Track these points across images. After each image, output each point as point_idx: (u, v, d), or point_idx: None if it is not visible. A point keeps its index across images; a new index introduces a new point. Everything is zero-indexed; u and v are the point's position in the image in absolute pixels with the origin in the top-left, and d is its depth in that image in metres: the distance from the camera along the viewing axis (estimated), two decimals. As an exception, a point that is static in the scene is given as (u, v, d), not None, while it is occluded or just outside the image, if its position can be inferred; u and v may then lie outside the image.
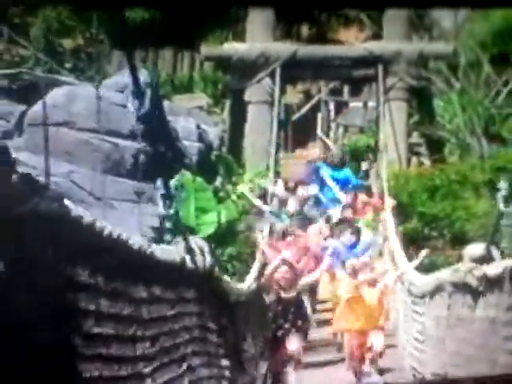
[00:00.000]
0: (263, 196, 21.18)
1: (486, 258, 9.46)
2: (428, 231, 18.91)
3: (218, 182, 21.81)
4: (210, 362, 9.06)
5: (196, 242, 8.96)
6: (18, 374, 3.66)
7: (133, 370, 5.70)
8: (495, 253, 9.90)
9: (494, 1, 3.15)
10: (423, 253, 13.64)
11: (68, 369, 4.31)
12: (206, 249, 8.99)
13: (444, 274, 10.22)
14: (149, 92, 18.08)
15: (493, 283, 8.46)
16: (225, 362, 9.81)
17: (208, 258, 9.03)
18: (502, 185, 8.56)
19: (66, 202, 4.34)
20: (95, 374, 4.83)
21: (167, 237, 8.59)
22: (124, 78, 19.86)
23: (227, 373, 9.71)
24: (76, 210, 4.50)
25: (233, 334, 10.51)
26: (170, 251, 7.68)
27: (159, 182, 12.78)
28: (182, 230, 7.66)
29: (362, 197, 19.38)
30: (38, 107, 21.18)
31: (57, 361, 4.15)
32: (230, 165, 23.35)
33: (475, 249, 9.99)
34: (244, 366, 10.42)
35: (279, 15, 25.35)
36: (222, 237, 18.08)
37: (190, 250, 8.25)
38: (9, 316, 3.51)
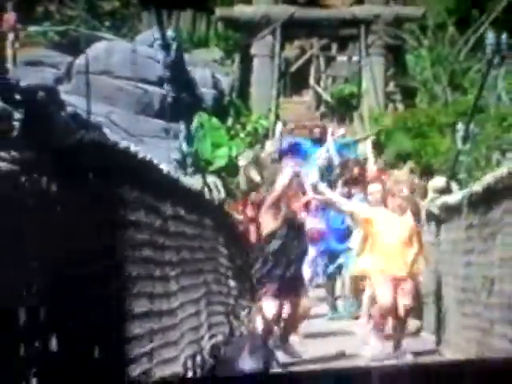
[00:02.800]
0: (266, 135, 21.19)
1: (447, 190, 9.43)
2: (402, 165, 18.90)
3: (230, 122, 21.78)
4: (220, 280, 9.08)
5: (211, 178, 8.94)
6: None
7: (161, 273, 5.71)
8: (454, 185, 9.88)
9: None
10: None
11: (117, 268, 4.33)
12: (219, 184, 8.96)
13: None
14: (173, 45, 17.93)
15: (453, 210, 8.41)
16: (232, 283, 9.78)
17: (221, 193, 9.00)
18: (460, 127, 8.48)
19: (106, 131, 4.34)
20: (135, 272, 4.85)
21: (189, 170, 8.57)
22: (153, 34, 19.67)
23: (234, 292, 9.68)
24: (112, 138, 4.50)
25: (240, 261, 10.35)
26: (192, 181, 7.69)
27: (182, 126, 12.71)
28: (199, 166, 7.64)
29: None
30: (82, 58, 21.07)
31: (109, 262, 4.16)
32: (239, 108, 23.38)
33: (437, 182, 9.92)
34: (250, 289, 9.50)
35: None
36: (232, 167, 18.03)
37: (206, 185, 8.26)
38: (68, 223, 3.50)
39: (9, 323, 2.93)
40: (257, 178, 13.82)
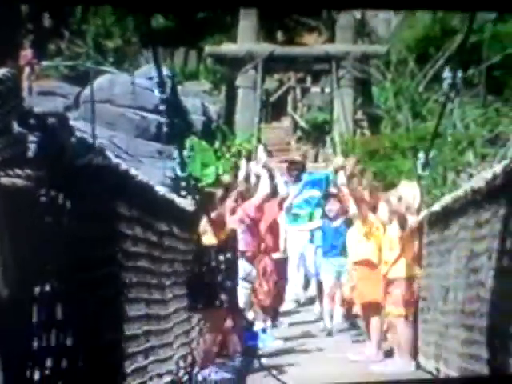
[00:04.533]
0: (249, 157, 21.18)
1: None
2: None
3: (217, 144, 21.83)
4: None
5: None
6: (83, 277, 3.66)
7: (157, 281, 5.69)
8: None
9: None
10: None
11: (115, 276, 4.32)
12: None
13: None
14: (168, 81, 17.94)
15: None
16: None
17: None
18: (420, 155, 8.43)
19: (108, 154, 4.33)
20: (133, 280, 4.83)
21: (182, 192, 8.49)
22: (151, 69, 19.69)
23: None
24: (115, 160, 4.49)
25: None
26: (185, 202, 7.65)
27: (175, 152, 12.65)
28: (191, 188, 7.57)
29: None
30: (88, 89, 21.11)
31: (108, 270, 4.15)
32: (225, 132, 23.42)
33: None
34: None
35: (261, 23, 25.42)
36: (218, 184, 18.05)
37: (197, 205, 8.10)
38: (73, 232, 3.50)
39: (24, 319, 2.92)
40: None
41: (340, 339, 9.36)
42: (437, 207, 7.38)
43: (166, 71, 19.18)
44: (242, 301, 8.37)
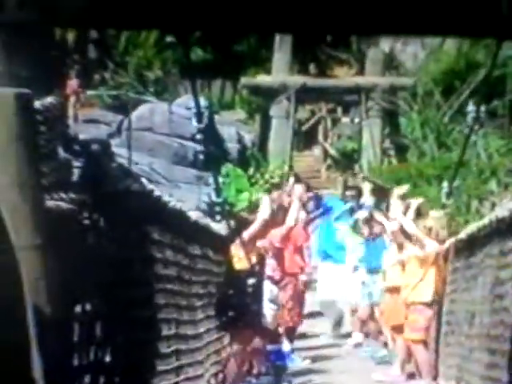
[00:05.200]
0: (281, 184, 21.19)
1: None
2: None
3: (251, 171, 21.87)
4: None
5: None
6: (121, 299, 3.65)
7: (188, 302, 5.67)
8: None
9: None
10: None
11: (147, 297, 4.31)
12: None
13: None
14: (205, 111, 18.03)
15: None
16: None
17: None
18: (444, 184, 8.38)
19: (144, 181, 4.35)
20: (162, 301, 4.81)
21: (217, 217, 8.45)
22: (189, 99, 19.85)
23: None
24: (150, 187, 4.50)
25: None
26: (219, 226, 7.64)
27: (211, 178, 12.66)
28: (226, 213, 7.54)
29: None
30: (129, 117, 21.31)
31: (141, 291, 4.15)
32: (259, 160, 23.50)
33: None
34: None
35: (294, 57, 25.54)
36: (252, 210, 18.04)
37: (231, 229, 8.07)
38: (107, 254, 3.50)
39: (64, 336, 2.92)
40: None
41: (365, 360, 9.28)
42: (462, 235, 7.36)
43: (203, 101, 19.33)
44: (268, 322, 8.32)
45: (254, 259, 7.44)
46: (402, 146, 24.48)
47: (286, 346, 9.18)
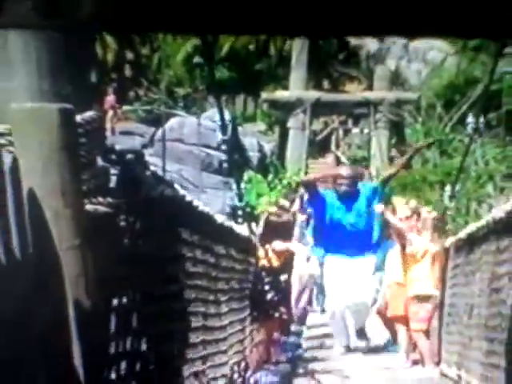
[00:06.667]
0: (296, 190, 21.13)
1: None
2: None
3: (270, 177, 21.87)
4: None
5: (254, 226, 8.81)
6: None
7: (214, 297, 5.65)
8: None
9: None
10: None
11: (178, 292, 4.30)
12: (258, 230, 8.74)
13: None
14: (229, 123, 18.07)
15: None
16: None
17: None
18: (447, 188, 8.32)
19: (176, 187, 4.33)
20: (192, 296, 4.80)
21: (239, 220, 8.47)
22: (215, 113, 19.90)
23: None
24: (182, 192, 4.48)
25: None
26: (241, 228, 7.64)
27: (234, 185, 12.65)
28: (247, 216, 7.59)
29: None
30: (161, 130, 21.38)
31: (172, 287, 4.13)
32: (278, 167, 23.49)
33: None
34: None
35: (309, 74, 25.55)
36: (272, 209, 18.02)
37: (251, 231, 8.16)
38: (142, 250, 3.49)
39: (102, 327, 2.91)
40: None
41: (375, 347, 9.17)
42: (462, 235, 7.33)
43: (227, 115, 19.37)
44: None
45: (282, 258, 7.68)
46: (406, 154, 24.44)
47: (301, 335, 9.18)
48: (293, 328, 9.17)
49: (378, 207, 8.53)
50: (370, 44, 29.43)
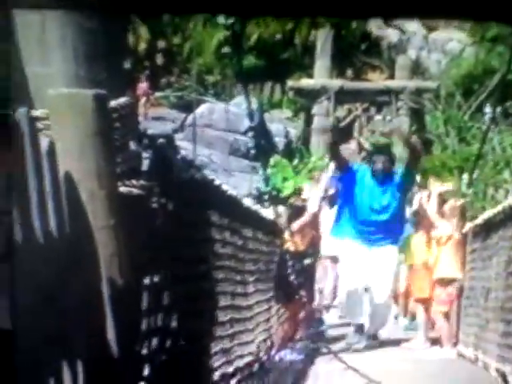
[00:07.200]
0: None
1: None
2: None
3: (295, 162, 21.81)
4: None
5: (281, 208, 8.73)
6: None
7: (241, 278, 5.63)
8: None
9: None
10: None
11: (208, 272, 4.28)
12: (285, 213, 8.65)
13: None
14: (257, 111, 18.02)
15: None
16: None
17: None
18: (464, 176, 8.18)
19: (206, 171, 4.30)
20: (220, 276, 4.79)
21: (265, 203, 8.41)
22: (243, 100, 19.81)
23: None
24: (211, 176, 4.46)
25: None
26: (267, 212, 7.60)
27: (260, 170, 12.55)
28: (273, 200, 7.55)
29: None
30: (192, 115, 21.39)
31: (202, 267, 4.12)
32: (303, 152, 23.39)
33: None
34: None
35: (334, 63, 25.36)
36: (296, 194, 17.94)
37: (277, 214, 8.08)
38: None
39: (135, 303, 2.90)
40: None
41: (394, 328, 9.08)
42: (479, 220, 7.26)
43: (255, 102, 19.28)
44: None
45: (306, 242, 7.52)
46: (427, 140, 24.23)
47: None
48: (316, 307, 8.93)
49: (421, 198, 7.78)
50: (392, 35, 29.16)
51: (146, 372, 3.04)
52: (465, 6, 2.53)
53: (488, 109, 18.75)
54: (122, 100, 2.88)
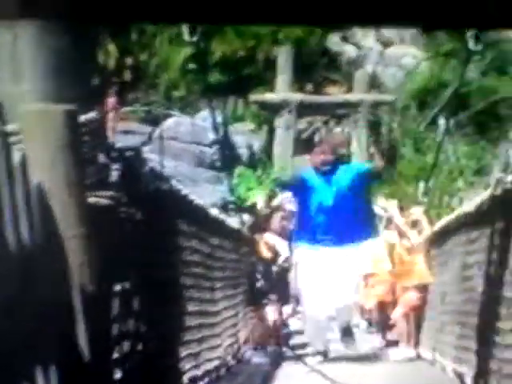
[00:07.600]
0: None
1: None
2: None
3: (259, 172, 21.93)
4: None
5: (245, 217, 8.78)
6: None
7: (209, 284, 5.63)
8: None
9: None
10: None
11: (176, 279, 4.29)
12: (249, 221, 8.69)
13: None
14: (221, 124, 18.05)
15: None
16: None
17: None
18: (421, 184, 8.22)
19: (173, 182, 4.31)
20: (188, 283, 4.79)
21: (231, 212, 8.40)
22: (208, 114, 19.85)
23: None
24: (178, 186, 4.47)
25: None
26: (232, 220, 7.63)
27: (225, 180, 12.57)
28: (238, 209, 7.61)
29: None
30: (159, 129, 21.39)
31: (170, 274, 4.12)
32: (266, 163, 23.53)
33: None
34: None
35: (294, 77, 25.54)
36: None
37: (242, 223, 8.13)
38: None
39: (105, 309, 2.90)
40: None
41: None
42: (436, 228, 7.34)
43: (219, 115, 19.32)
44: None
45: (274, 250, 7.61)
46: (384, 151, 24.52)
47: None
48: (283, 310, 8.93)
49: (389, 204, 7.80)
50: (350, 51, 29.49)
51: (117, 376, 3.04)
52: (415, 14, 2.57)
53: (442, 120, 19.07)
54: (91, 115, 2.89)
